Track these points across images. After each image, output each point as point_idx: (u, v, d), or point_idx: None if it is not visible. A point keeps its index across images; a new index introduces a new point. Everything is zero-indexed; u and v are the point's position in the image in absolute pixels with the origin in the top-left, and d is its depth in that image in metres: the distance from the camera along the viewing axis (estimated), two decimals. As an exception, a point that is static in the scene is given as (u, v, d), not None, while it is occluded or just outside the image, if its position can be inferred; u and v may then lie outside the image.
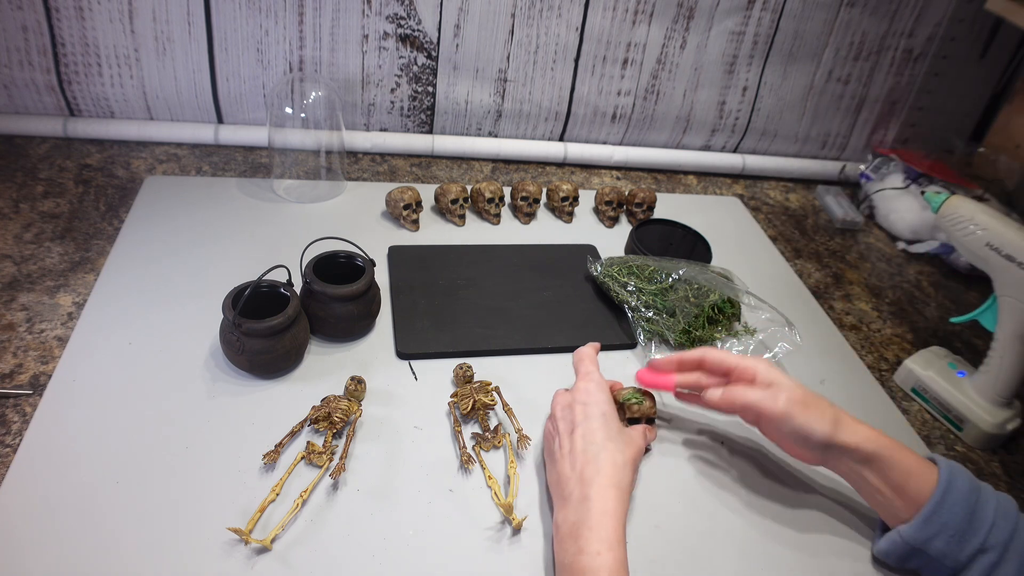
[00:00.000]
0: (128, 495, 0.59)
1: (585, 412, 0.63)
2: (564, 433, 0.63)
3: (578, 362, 0.70)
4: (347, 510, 0.61)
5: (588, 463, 0.58)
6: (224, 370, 0.72)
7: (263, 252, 0.88)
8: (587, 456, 0.59)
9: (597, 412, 0.63)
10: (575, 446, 0.60)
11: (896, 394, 0.87)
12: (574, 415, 0.63)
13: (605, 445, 0.60)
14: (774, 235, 1.15)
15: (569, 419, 0.63)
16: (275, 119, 0.96)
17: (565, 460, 0.60)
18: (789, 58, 1.22)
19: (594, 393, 0.65)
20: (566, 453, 0.60)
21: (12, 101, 1.04)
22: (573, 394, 0.66)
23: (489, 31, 1.10)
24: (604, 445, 0.60)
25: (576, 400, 0.64)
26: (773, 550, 0.64)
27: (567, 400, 0.66)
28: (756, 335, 0.86)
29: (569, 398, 0.66)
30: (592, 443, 0.60)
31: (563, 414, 0.64)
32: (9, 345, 0.72)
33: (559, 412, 0.65)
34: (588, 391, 0.65)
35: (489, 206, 1.02)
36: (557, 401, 0.67)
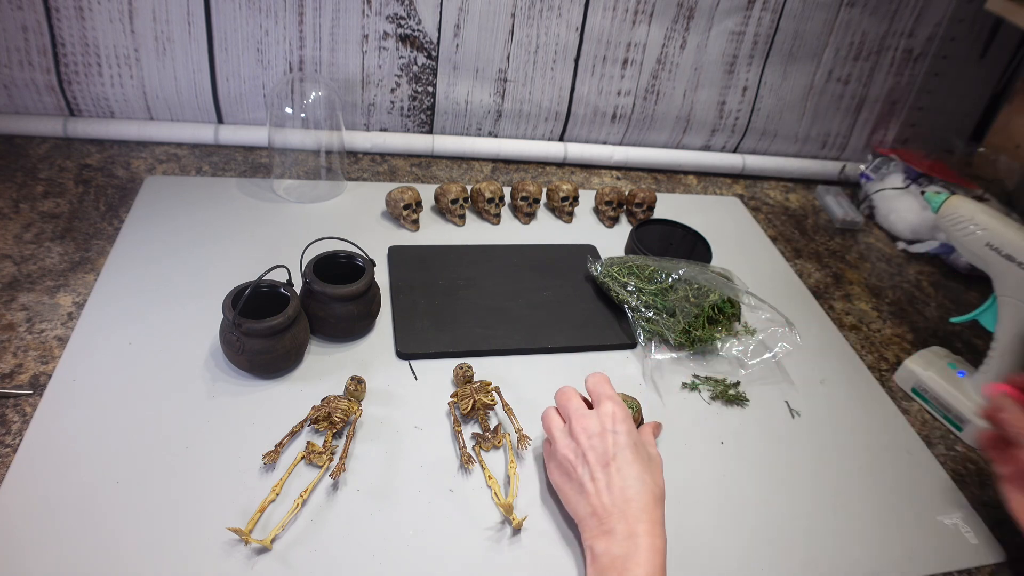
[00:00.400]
0: (128, 495, 0.59)
1: (617, 442, 0.60)
2: (596, 465, 0.59)
3: (596, 384, 0.66)
4: (347, 510, 0.61)
5: (631, 500, 0.57)
6: (224, 370, 0.72)
7: (263, 252, 0.88)
8: (629, 492, 0.57)
9: (629, 442, 0.60)
10: (612, 480, 0.58)
11: (896, 394, 0.87)
12: (606, 445, 0.60)
13: (643, 478, 0.58)
14: (774, 235, 1.15)
15: (601, 450, 0.60)
16: (275, 119, 0.96)
17: (603, 494, 0.58)
18: (789, 58, 1.22)
19: (622, 420, 0.62)
20: (603, 487, 0.58)
21: (12, 101, 1.04)
22: (600, 419, 0.62)
23: (489, 31, 1.10)
24: (643, 478, 0.58)
25: (605, 428, 0.61)
26: (773, 550, 0.64)
27: (594, 427, 0.61)
28: (756, 335, 0.86)
29: (596, 425, 0.61)
30: (631, 478, 0.58)
31: (592, 443, 0.61)
32: (9, 345, 0.72)
33: (586, 441, 0.61)
34: (616, 417, 0.62)
35: (489, 206, 1.02)
36: (581, 427, 0.62)
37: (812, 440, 0.77)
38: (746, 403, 0.79)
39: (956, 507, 0.72)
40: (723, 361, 0.84)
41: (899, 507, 0.71)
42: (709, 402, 0.79)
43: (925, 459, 0.78)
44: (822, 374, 0.86)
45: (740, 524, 0.66)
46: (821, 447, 0.76)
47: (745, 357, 0.84)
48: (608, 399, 0.64)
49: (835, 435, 0.78)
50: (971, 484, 0.76)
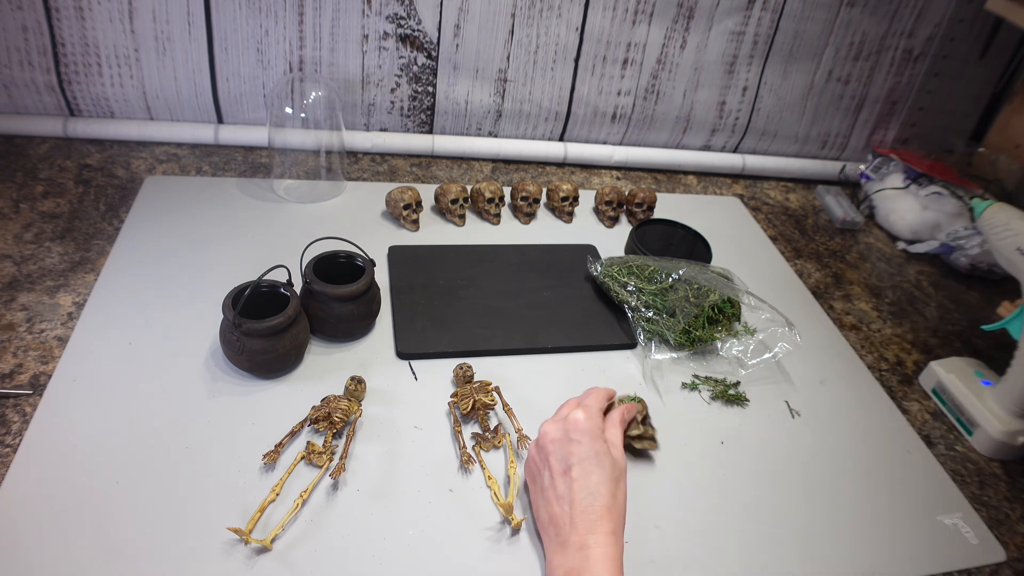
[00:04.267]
0: (128, 495, 0.59)
1: (579, 452, 0.59)
2: (557, 472, 0.59)
3: (585, 394, 0.66)
4: (347, 510, 0.61)
5: (585, 510, 0.56)
6: (224, 370, 0.72)
7: (263, 252, 0.88)
8: (584, 503, 0.57)
9: (591, 452, 0.59)
10: (572, 488, 0.58)
11: (896, 394, 0.87)
12: (568, 452, 0.60)
13: (599, 490, 0.57)
14: (774, 235, 1.15)
15: (562, 456, 0.60)
16: (275, 119, 0.96)
17: (561, 502, 0.58)
18: (789, 58, 1.22)
19: (586, 430, 0.61)
20: (561, 494, 0.58)
21: (12, 101, 1.04)
22: (565, 427, 0.61)
23: (489, 31, 1.10)
24: (599, 490, 0.57)
25: (569, 436, 0.61)
26: (773, 550, 0.64)
27: (558, 433, 0.61)
28: (756, 335, 0.86)
29: (560, 431, 0.61)
30: (588, 488, 0.57)
31: (554, 448, 0.60)
32: (9, 345, 0.72)
33: (549, 446, 0.61)
34: (579, 427, 0.61)
35: (489, 206, 1.02)
36: (546, 430, 0.62)
37: (812, 440, 0.77)
38: (746, 403, 0.79)
39: (956, 507, 0.72)
40: (723, 361, 0.84)
41: (899, 507, 0.71)
42: (709, 402, 0.79)
43: (925, 459, 0.78)
44: (822, 374, 0.86)
45: (740, 524, 0.66)
46: (821, 447, 0.76)
47: (745, 357, 0.84)
48: (580, 408, 0.63)
49: (835, 435, 0.78)
50: (971, 484, 0.76)
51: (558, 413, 0.65)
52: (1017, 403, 0.79)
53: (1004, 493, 0.76)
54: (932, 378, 0.87)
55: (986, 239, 0.83)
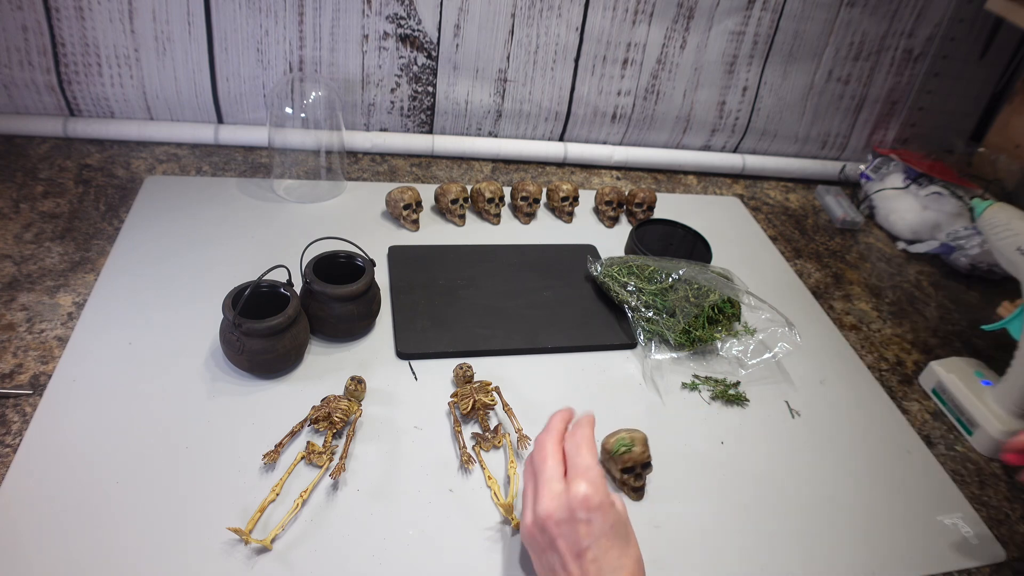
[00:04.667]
0: (128, 495, 0.59)
1: (591, 532, 0.52)
2: (568, 555, 0.52)
3: (574, 448, 0.56)
4: (347, 510, 0.61)
5: None
6: (224, 370, 0.72)
7: (263, 252, 0.88)
8: None
9: (605, 528, 0.52)
10: (587, 572, 0.51)
11: (896, 394, 0.87)
12: (577, 535, 0.52)
13: (622, 564, 0.52)
14: (774, 235, 1.15)
15: (572, 539, 0.52)
16: (275, 119, 0.96)
17: None
18: (789, 58, 1.22)
19: (596, 506, 0.53)
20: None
21: (12, 101, 1.04)
22: (570, 505, 0.53)
23: (489, 31, 1.10)
24: (621, 564, 0.52)
25: (576, 517, 0.52)
26: (773, 550, 0.64)
27: (563, 514, 0.53)
28: (756, 335, 0.86)
29: (565, 512, 0.53)
30: (609, 568, 0.51)
31: (561, 531, 0.53)
32: (9, 345, 0.72)
33: (554, 528, 0.53)
34: (588, 502, 0.52)
35: (489, 206, 1.02)
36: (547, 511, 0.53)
37: (812, 440, 0.77)
38: (746, 403, 0.79)
39: (956, 507, 0.72)
40: (723, 361, 0.84)
41: (899, 507, 0.71)
42: (709, 402, 0.79)
43: (925, 459, 0.78)
44: (822, 374, 0.86)
45: (740, 524, 0.66)
46: (821, 447, 0.76)
47: (745, 357, 0.84)
48: (581, 477, 0.54)
49: (835, 435, 0.78)
50: (971, 484, 0.76)
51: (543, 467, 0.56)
52: (1017, 403, 0.79)
53: (1004, 493, 0.76)
54: (932, 378, 0.87)
55: (986, 239, 0.83)
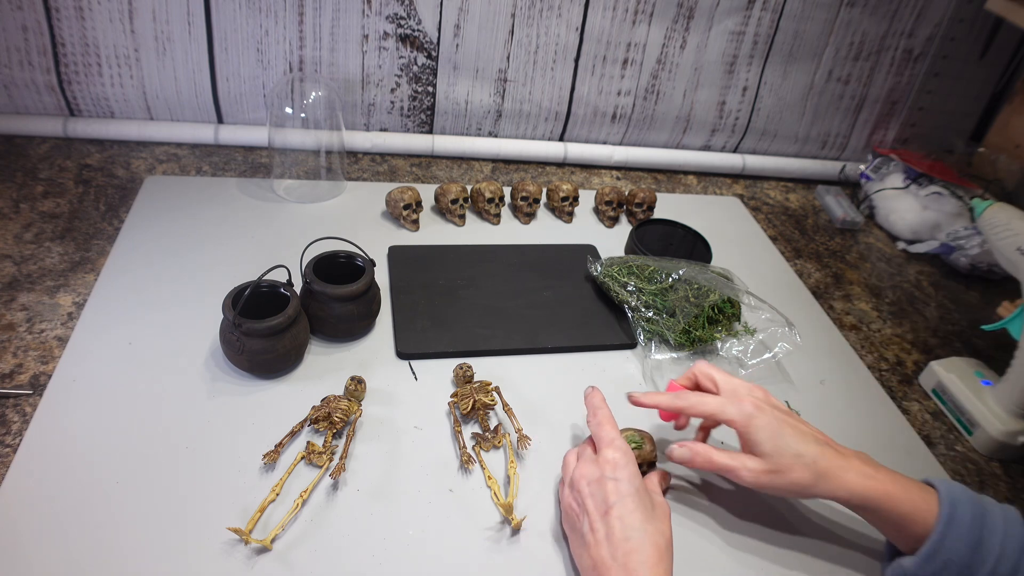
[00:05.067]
0: (128, 495, 0.59)
1: (618, 490, 0.56)
2: (596, 514, 0.56)
3: (597, 426, 0.62)
4: (347, 510, 0.61)
5: (632, 552, 0.53)
6: (224, 370, 0.72)
7: (263, 252, 0.88)
8: (630, 544, 0.53)
9: (631, 489, 0.56)
10: (613, 531, 0.54)
11: (896, 394, 0.87)
12: (606, 493, 0.56)
13: (646, 528, 0.54)
14: (774, 235, 1.15)
15: (600, 497, 0.56)
16: (275, 119, 0.96)
17: (602, 546, 0.54)
18: (789, 58, 1.22)
19: (623, 466, 0.58)
20: (602, 539, 0.55)
21: (12, 101, 1.04)
22: (600, 466, 0.58)
23: (489, 31, 1.10)
24: (645, 529, 0.54)
25: (605, 475, 0.57)
26: (773, 551, 0.64)
27: (594, 474, 0.58)
28: (756, 335, 0.86)
29: (596, 471, 0.58)
30: (633, 528, 0.54)
31: (591, 491, 0.57)
32: (9, 345, 0.72)
33: (585, 488, 0.58)
34: (617, 463, 0.58)
35: (489, 206, 1.02)
36: (581, 473, 0.59)
37: (812, 440, 0.76)
38: (746, 403, 0.79)
39: (956, 507, 0.72)
40: (723, 361, 0.84)
41: (899, 507, 0.71)
42: (709, 402, 0.79)
43: (925, 459, 0.78)
44: (822, 374, 0.86)
45: (739, 524, 0.66)
46: (821, 447, 0.76)
47: (745, 357, 0.84)
48: (608, 445, 0.60)
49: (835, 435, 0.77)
50: (971, 484, 0.76)
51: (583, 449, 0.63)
52: (1017, 403, 0.79)
53: (1004, 493, 0.76)
54: (932, 378, 0.87)
55: (986, 239, 0.83)
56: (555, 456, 0.68)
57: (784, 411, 0.62)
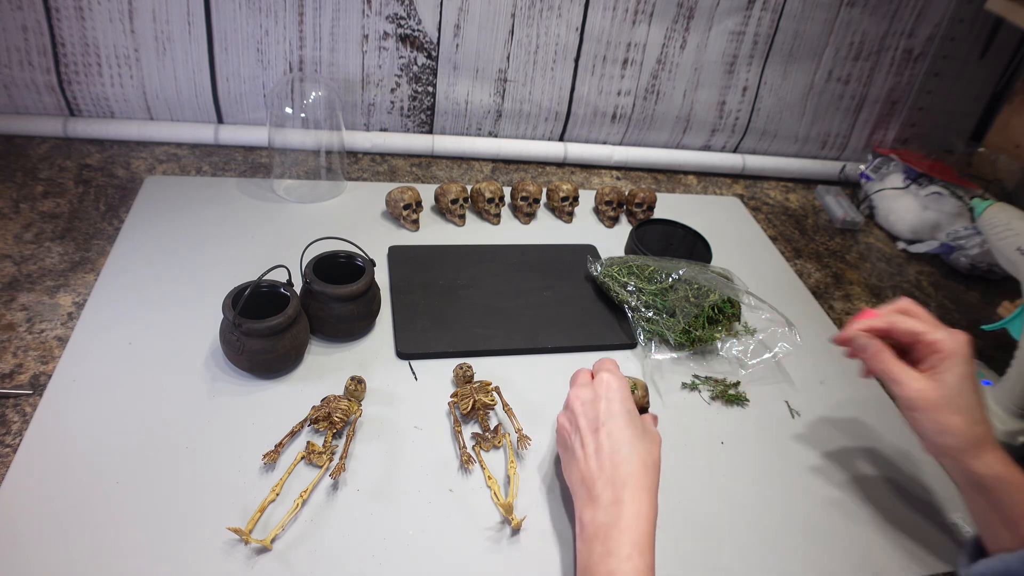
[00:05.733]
0: (128, 495, 0.59)
1: (609, 409, 0.59)
2: (587, 430, 0.59)
3: (599, 362, 0.66)
4: (347, 510, 0.61)
5: (619, 464, 0.55)
6: (224, 370, 0.72)
7: (263, 252, 0.88)
8: (617, 457, 0.56)
9: (622, 409, 0.59)
10: (601, 445, 0.57)
11: (896, 394, 0.87)
12: (597, 411, 0.59)
13: (634, 445, 0.57)
14: (774, 235, 1.15)
15: (592, 416, 0.59)
16: (275, 119, 0.96)
17: (591, 459, 0.57)
18: (789, 58, 1.22)
19: (616, 388, 0.61)
20: (591, 452, 0.57)
21: (12, 101, 1.04)
22: (594, 388, 0.62)
23: (489, 31, 1.10)
24: (633, 445, 0.57)
25: (599, 395, 0.60)
26: (774, 550, 0.64)
27: (587, 395, 0.61)
28: (756, 335, 0.86)
29: (590, 392, 0.61)
30: (622, 443, 0.57)
31: (584, 410, 0.60)
32: (9, 345, 0.72)
33: (578, 407, 0.61)
34: (610, 386, 0.61)
35: (489, 206, 1.02)
36: (575, 395, 0.62)
37: (812, 440, 0.77)
38: (746, 403, 0.79)
39: (956, 507, 0.72)
40: (723, 361, 0.84)
41: (899, 507, 0.71)
42: (709, 402, 0.79)
43: (925, 459, 0.78)
44: (822, 374, 0.86)
45: (740, 524, 0.66)
46: (821, 447, 0.76)
47: (745, 357, 0.84)
48: (606, 371, 0.63)
49: (835, 435, 0.78)
50: (971, 484, 0.76)
51: (575, 377, 0.66)
52: (1017, 403, 0.79)
53: None
54: (932, 378, 0.87)
55: (986, 239, 0.83)
56: (555, 456, 0.69)
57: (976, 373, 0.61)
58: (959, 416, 0.58)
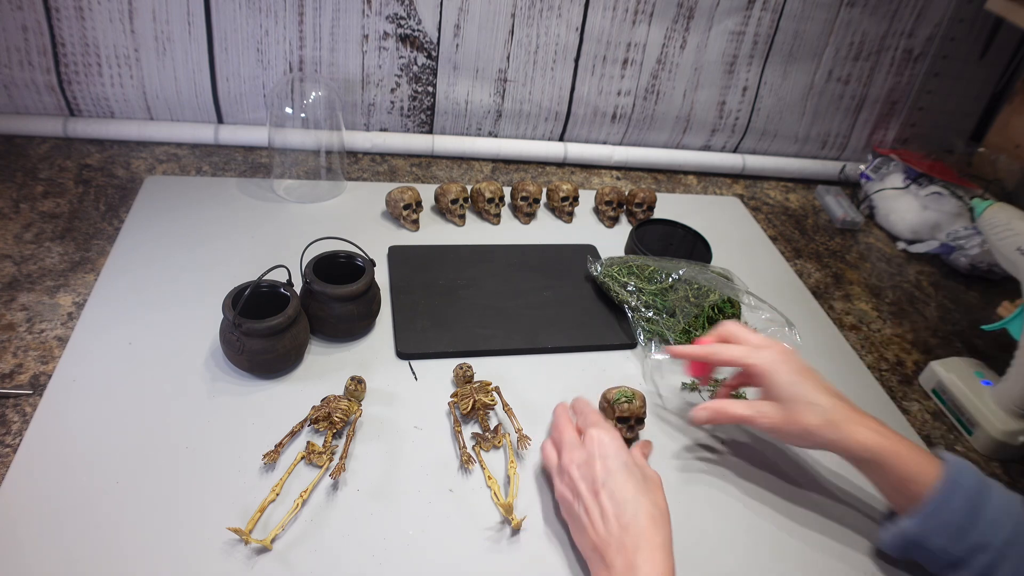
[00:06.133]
0: (128, 495, 0.59)
1: (606, 467, 0.57)
2: (587, 495, 0.57)
3: (580, 415, 0.65)
4: (347, 510, 0.61)
5: (627, 526, 0.54)
6: (224, 370, 0.72)
7: (263, 252, 0.88)
8: (624, 518, 0.54)
9: (619, 464, 0.58)
10: (605, 509, 0.55)
11: (896, 394, 0.87)
12: (594, 472, 0.57)
13: (639, 500, 0.55)
14: (774, 235, 1.15)
15: (590, 478, 0.58)
16: (275, 119, 0.96)
17: (598, 525, 0.55)
18: (789, 58, 1.22)
19: (608, 443, 0.59)
20: (596, 517, 0.55)
21: (12, 101, 1.04)
22: (586, 447, 0.60)
23: (489, 31, 1.10)
24: (638, 500, 0.55)
25: (592, 454, 0.59)
26: (774, 551, 0.64)
27: (581, 456, 0.60)
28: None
29: (582, 454, 0.60)
30: (626, 502, 0.55)
31: (581, 473, 0.59)
32: (9, 345, 0.72)
33: (575, 472, 0.59)
34: (602, 442, 0.59)
35: (489, 206, 1.02)
36: (569, 459, 0.60)
37: (812, 440, 0.76)
38: (746, 403, 0.79)
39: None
40: (723, 361, 0.84)
41: (899, 507, 0.71)
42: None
43: (925, 459, 0.78)
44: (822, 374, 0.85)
45: (740, 524, 0.66)
46: (821, 447, 0.76)
47: (745, 357, 0.83)
48: (593, 426, 0.62)
49: (835, 435, 0.78)
50: (971, 484, 0.76)
51: (560, 436, 0.64)
52: (1017, 403, 0.79)
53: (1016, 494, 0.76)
54: (932, 378, 0.87)
55: (986, 239, 0.83)
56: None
57: (806, 366, 0.66)
58: (811, 414, 0.62)
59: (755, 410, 0.64)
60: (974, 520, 0.56)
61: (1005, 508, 0.57)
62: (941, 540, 0.57)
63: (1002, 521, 0.56)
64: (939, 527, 0.57)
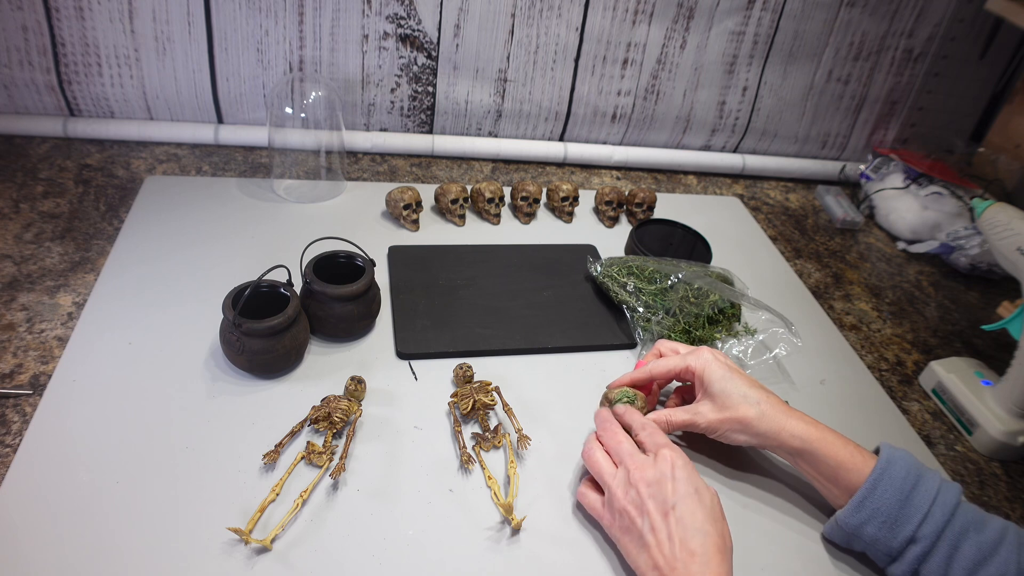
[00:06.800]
0: (128, 495, 0.59)
1: (676, 490, 0.57)
2: (656, 514, 0.56)
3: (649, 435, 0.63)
4: (347, 510, 0.61)
5: (694, 554, 0.53)
6: (224, 370, 0.72)
7: (263, 252, 0.88)
8: (690, 546, 0.54)
9: (690, 489, 0.57)
10: (672, 532, 0.55)
11: (896, 394, 0.87)
12: (665, 493, 0.57)
13: (707, 530, 0.54)
14: (774, 235, 1.15)
15: (660, 498, 0.57)
16: (275, 119, 0.96)
17: (664, 546, 0.54)
18: (789, 58, 1.22)
19: (682, 466, 0.58)
20: (664, 539, 0.55)
21: (12, 101, 1.04)
22: (658, 465, 0.58)
23: (489, 31, 1.10)
24: (706, 531, 0.54)
25: (665, 475, 0.58)
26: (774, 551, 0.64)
27: (652, 475, 0.58)
28: (756, 335, 0.86)
29: (655, 473, 0.58)
30: (695, 530, 0.54)
31: (651, 492, 0.57)
32: (9, 345, 0.72)
33: (644, 489, 0.58)
34: (675, 464, 0.58)
35: (489, 206, 1.02)
36: (640, 476, 0.59)
37: (812, 440, 0.76)
38: (746, 403, 0.79)
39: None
40: (723, 361, 0.84)
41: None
42: (709, 402, 0.79)
43: (925, 459, 0.78)
44: (822, 374, 0.86)
45: (740, 524, 0.66)
46: (821, 447, 0.76)
47: (745, 358, 0.83)
48: (665, 447, 0.60)
49: (835, 435, 0.78)
50: (971, 484, 0.76)
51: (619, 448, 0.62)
52: (1017, 403, 0.79)
53: (1004, 493, 0.76)
54: (932, 378, 0.87)
55: (986, 239, 0.83)
56: (555, 456, 0.69)
57: (736, 365, 0.70)
58: (746, 407, 0.65)
59: (693, 412, 0.68)
60: (905, 511, 0.58)
61: (940, 499, 0.58)
62: (873, 530, 0.59)
63: (934, 512, 0.57)
64: (870, 516, 0.59)
